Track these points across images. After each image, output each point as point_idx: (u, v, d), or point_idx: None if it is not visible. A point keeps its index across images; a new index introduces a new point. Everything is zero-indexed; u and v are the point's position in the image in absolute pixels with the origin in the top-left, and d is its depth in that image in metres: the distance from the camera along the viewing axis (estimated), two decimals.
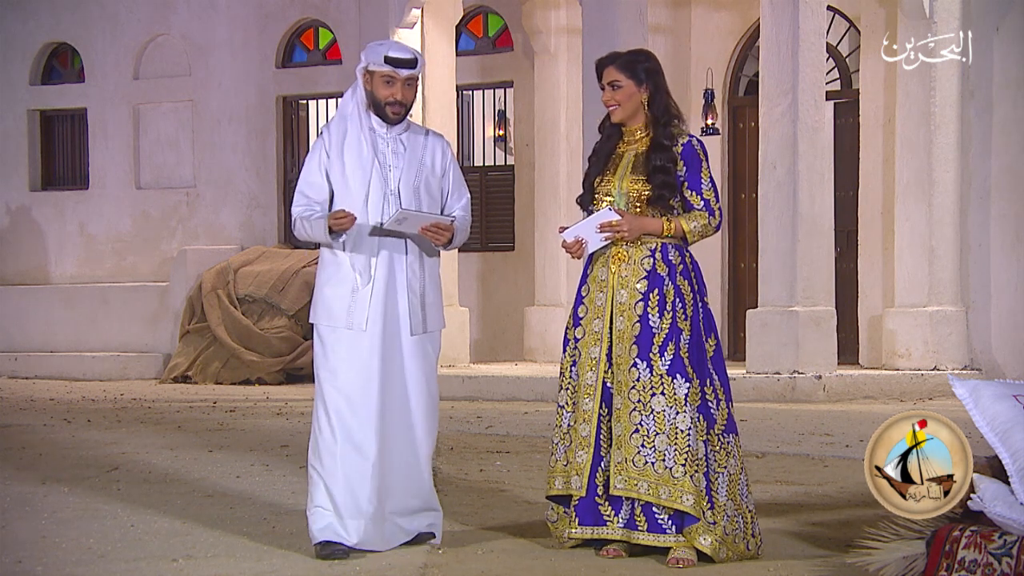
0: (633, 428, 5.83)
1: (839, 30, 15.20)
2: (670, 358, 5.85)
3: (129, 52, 18.71)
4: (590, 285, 6.08)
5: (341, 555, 5.91)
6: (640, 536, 5.83)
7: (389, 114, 6.11)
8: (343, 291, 6.04)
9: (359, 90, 6.16)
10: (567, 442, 6.01)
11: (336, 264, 6.08)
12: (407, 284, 6.09)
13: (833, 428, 10.74)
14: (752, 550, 5.92)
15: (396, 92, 6.09)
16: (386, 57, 6.07)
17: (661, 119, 6.06)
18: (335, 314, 6.03)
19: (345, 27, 17.27)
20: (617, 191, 6.03)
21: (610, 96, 6.06)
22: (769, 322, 13.31)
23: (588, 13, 13.76)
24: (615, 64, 6.08)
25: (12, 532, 6.61)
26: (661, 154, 6.00)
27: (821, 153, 13.55)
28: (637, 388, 5.85)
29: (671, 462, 5.77)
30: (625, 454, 5.82)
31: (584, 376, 5.99)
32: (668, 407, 5.81)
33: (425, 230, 6.05)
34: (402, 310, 6.08)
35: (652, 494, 5.77)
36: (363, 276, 6.04)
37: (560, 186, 16.28)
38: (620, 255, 6.00)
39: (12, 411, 12.90)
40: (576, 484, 5.91)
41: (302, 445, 9.78)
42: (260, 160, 18.09)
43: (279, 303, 16.36)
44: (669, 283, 5.95)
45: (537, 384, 13.87)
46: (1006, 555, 4.93)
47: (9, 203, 19.39)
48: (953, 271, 14.24)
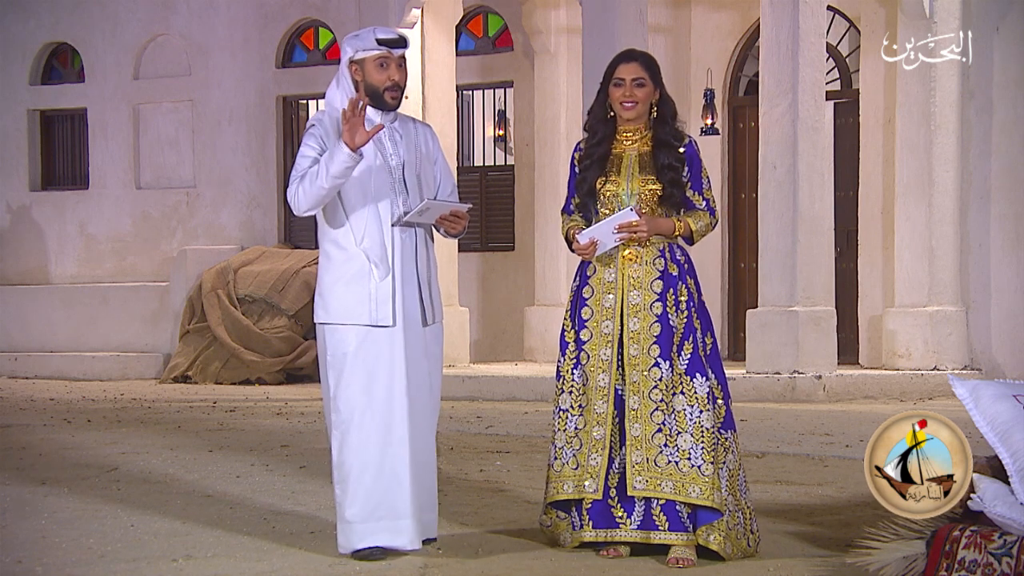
0: (656, 428, 5.80)
1: (839, 30, 15.20)
2: (688, 357, 5.86)
3: (129, 52, 18.71)
4: (594, 287, 6.02)
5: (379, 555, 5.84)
6: (660, 536, 5.79)
7: (388, 99, 5.98)
8: (361, 287, 5.89)
9: (346, 82, 6.01)
10: (576, 445, 5.94)
11: (348, 259, 5.91)
12: (418, 274, 6.00)
13: (833, 428, 10.74)
14: (752, 547, 5.93)
15: (392, 74, 5.95)
16: (378, 39, 5.93)
17: (668, 119, 6.05)
18: (354, 311, 5.88)
19: (345, 27, 17.26)
20: (626, 192, 6.00)
21: (631, 93, 5.99)
22: (769, 322, 13.31)
23: (588, 13, 13.76)
24: (640, 62, 6.04)
25: (12, 532, 6.61)
26: (669, 153, 5.99)
27: (821, 153, 13.55)
28: (660, 388, 5.83)
29: (698, 460, 5.76)
30: (646, 454, 5.79)
31: (595, 378, 5.94)
32: (690, 406, 5.81)
33: (443, 219, 5.99)
34: (416, 301, 5.98)
35: (679, 492, 5.74)
36: (381, 268, 5.90)
37: (560, 186, 16.26)
38: (631, 256, 5.97)
39: (12, 411, 12.90)
40: (591, 487, 5.86)
41: (302, 445, 9.81)
42: (260, 160, 18.09)
43: (279, 303, 16.36)
44: (681, 283, 5.96)
45: (537, 384, 13.86)
46: (1006, 555, 4.93)
47: (9, 203, 19.39)
48: (953, 271, 14.24)
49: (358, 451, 5.85)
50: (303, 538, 6.25)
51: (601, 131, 6.09)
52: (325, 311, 5.94)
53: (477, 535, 6.45)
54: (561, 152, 16.25)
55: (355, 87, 5.99)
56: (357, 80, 5.98)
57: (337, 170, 5.76)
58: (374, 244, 5.91)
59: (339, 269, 5.93)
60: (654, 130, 6.06)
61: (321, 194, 5.83)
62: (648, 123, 6.08)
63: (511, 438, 10.39)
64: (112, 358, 17.58)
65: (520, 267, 16.85)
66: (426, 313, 6.02)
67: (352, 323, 5.89)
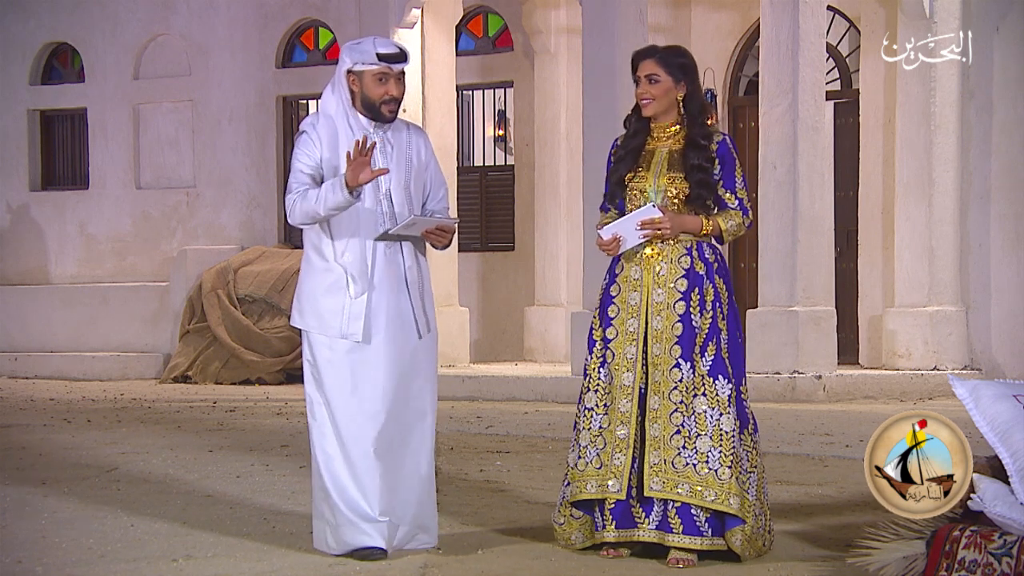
0: (674, 429, 5.76)
1: (839, 30, 15.20)
2: (711, 358, 5.80)
3: (129, 52, 18.71)
4: (621, 284, 5.97)
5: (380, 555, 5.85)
6: (674, 538, 5.74)
7: (385, 113, 5.95)
8: (336, 299, 5.87)
9: (342, 91, 5.97)
10: (600, 444, 5.87)
11: (327, 269, 5.90)
12: (408, 287, 5.97)
13: (833, 428, 10.74)
14: (767, 547, 5.91)
15: (391, 88, 5.92)
16: (379, 55, 5.89)
17: (698, 117, 6.01)
18: (325, 322, 5.87)
19: (345, 27, 17.26)
20: (652, 188, 5.96)
21: (645, 89, 5.98)
22: (769, 322, 13.31)
23: (588, 13, 13.76)
24: (654, 58, 6.00)
25: (12, 532, 6.61)
26: (699, 153, 5.94)
27: (821, 153, 13.55)
28: (680, 389, 5.78)
29: (716, 464, 5.71)
30: (664, 456, 5.75)
31: (620, 377, 5.88)
32: (711, 408, 5.76)
33: (429, 233, 5.95)
34: (408, 315, 5.96)
35: (694, 496, 5.69)
36: (358, 284, 5.88)
37: (560, 186, 16.28)
38: (656, 254, 5.93)
39: (12, 411, 12.90)
40: (614, 487, 5.80)
41: (302, 445, 9.80)
42: (260, 160, 18.08)
43: (279, 303, 16.36)
44: (708, 282, 5.89)
45: (537, 384, 13.86)
46: (1006, 555, 4.93)
47: (9, 203, 19.39)
48: (953, 271, 14.24)
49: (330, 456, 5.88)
50: (303, 538, 6.24)
51: (635, 126, 6.07)
52: (300, 317, 5.97)
53: (477, 535, 6.44)
54: (561, 152, 16.26)
55: (351, 98, 5.96)
56: (354, 91, 5.95)
57: (333, 205, 5.79)
58: (355, 259, 5.89)
59: (318, 277, 5.93)
60: (687, 128, 6.02)
61: (316, 218, 5.87)
62: (680, 120, 6.04)
63: (511, 438, 10.39)
64: (112, 358, 17.58)
65: (520, 267, 16.84)
66: (419, 326, 5.99)
67: (323, 334, 5.90)
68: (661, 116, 6.03)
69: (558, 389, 13.50)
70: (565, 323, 15.52)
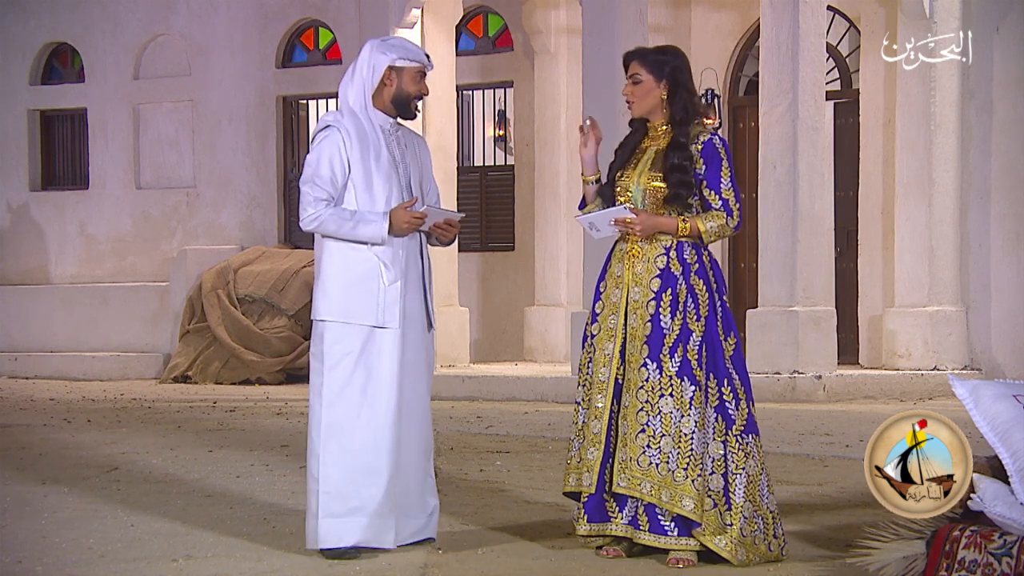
0: (639, 428, 5.79)
1: (839, 30, 15.20)
2: (679, 360, 5.81)
3: (129, 52, 18.71)
4: (608, 281, 6.04)
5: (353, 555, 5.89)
6: (643, 536, 5.80)
7: (414, 110, 6.11)
8: (370, 287, 5.92)
9: (369, 83, 6.04)
10: (581, 439, 5.97)
11: (361, 260, 5.94)
12: (422, 278, 6.09)
13: (833, 428, 10.74)
14: (775, 551, 5.86)
15: (423, 87, 6.10)
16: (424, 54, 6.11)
17: (678, 116, 6.02)
18: (360, 311, 5.90)
19: (345, 27, 17.27)
20: (635, 187, 5.99)
21: (629, 90, 6.04)
22: (769, 322, 13.31)
23: (588, 13, 13.76)
24: (638, 59, 6.05)
25: (12, 532, 6.61)
26: (678, 152, 5.95)
27: (821, 153, 13.55)
28: (646, 388, 5.80)
29: (674, 465, 5.74)
30: (630, 453, 5.79)
31: (597, 372, 5.95)
32: (675, 409, 5.77)
33: (437, 227, 6.05)
34: (418, 307, 6.06)
35: (654, 495, 5.74)
36: (391, 271, 5.96)
37: (560, 186, 16.28)
38: (635, 252, 5.96)
39: (12, 411, 12.90)
40: (587, 481, 5.88)
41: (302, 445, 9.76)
42: (260, 160, 18.09)
43: (279, 303, 16.36)
44: (683, 282, 5.90)
45: (537, 384, 13.86)
46: (1006, 555, 4.93)
47: (9, 203, 19.39)
48: (953, 271, 14.24)
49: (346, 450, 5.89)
50: (303, 538, 6.24)
51: (636, 124, 6.13)
52: (329, 308, 5.95)
53: (477, 535, 6.45)
54: (561, 152, 16.25)
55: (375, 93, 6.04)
56: (387, 85, 6.04)
57: (362, 238, 5.91)
58: (387, 247, 5.95)
59: (349, 269, 5.95)
60: (671, 128, 6.04)
61: (338, 237, 5.95)
62: (669, 120, 6.05)
63: (511, 438, 10.39)
64: (112, 358, 17.58)
65: (520, 267, 16.85)
66: (431, 317, 6.11)
67: (357, 323, 5.92)
68: (652, 116, 6.07)
69: (558, 389, 13.50)
70: (565, 323, 15.53)
